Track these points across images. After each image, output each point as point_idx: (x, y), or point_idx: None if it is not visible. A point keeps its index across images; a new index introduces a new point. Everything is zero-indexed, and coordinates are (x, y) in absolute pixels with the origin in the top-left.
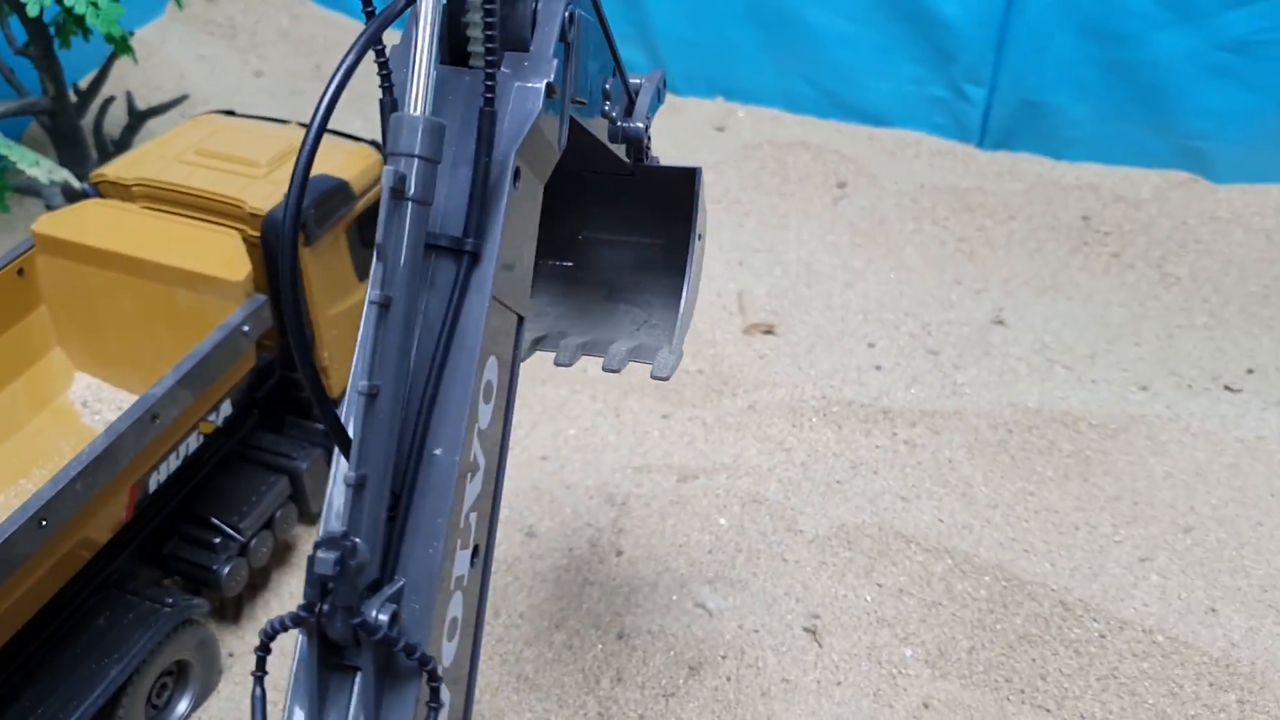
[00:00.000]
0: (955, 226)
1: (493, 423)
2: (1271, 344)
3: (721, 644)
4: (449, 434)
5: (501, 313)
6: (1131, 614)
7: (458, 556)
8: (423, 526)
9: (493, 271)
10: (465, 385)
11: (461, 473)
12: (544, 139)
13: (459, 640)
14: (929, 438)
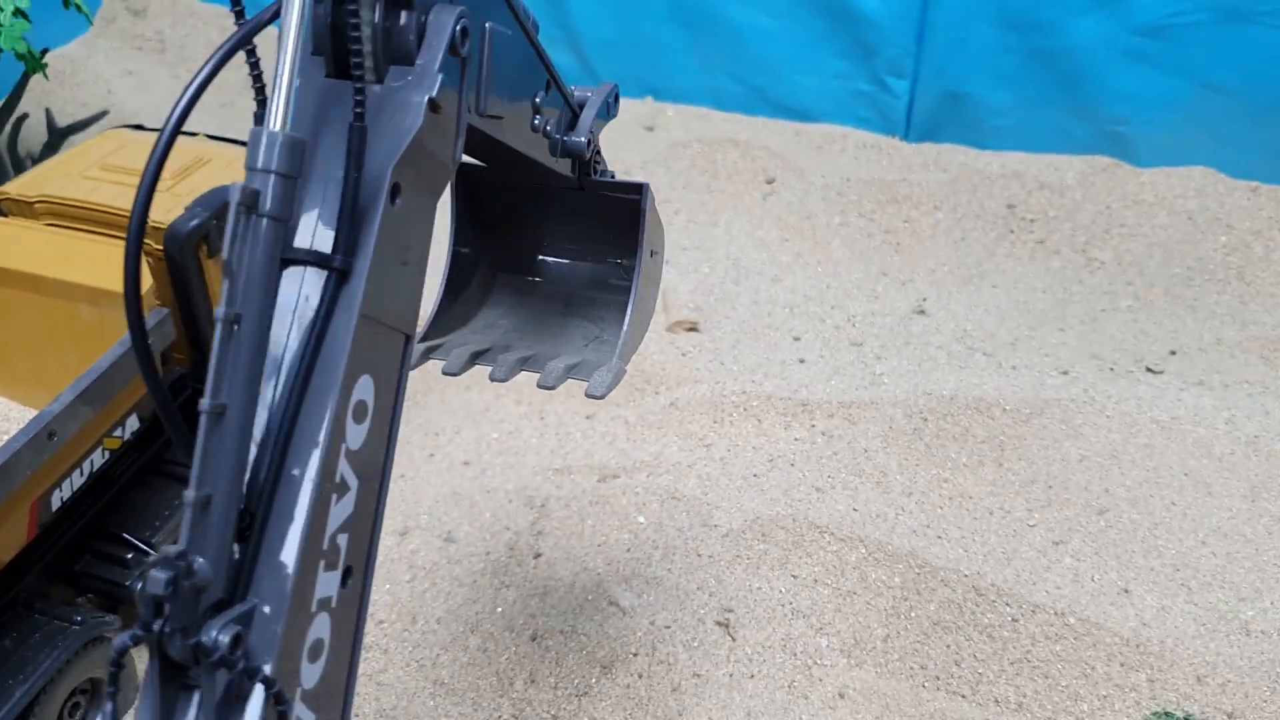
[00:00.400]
0: (882, 219)
1: (368, 443)
2: (1195, 324)
3: (633, 641)
4: (307, 454)
5: (377, 331)
6: (1044, 597)
7: (321, 578)
8: (277, 548)
9: (363, 289)
10: (327, 405)
11: (322, 494)
12: (429, 155)
13: (326, 662)
14: (846, 428)
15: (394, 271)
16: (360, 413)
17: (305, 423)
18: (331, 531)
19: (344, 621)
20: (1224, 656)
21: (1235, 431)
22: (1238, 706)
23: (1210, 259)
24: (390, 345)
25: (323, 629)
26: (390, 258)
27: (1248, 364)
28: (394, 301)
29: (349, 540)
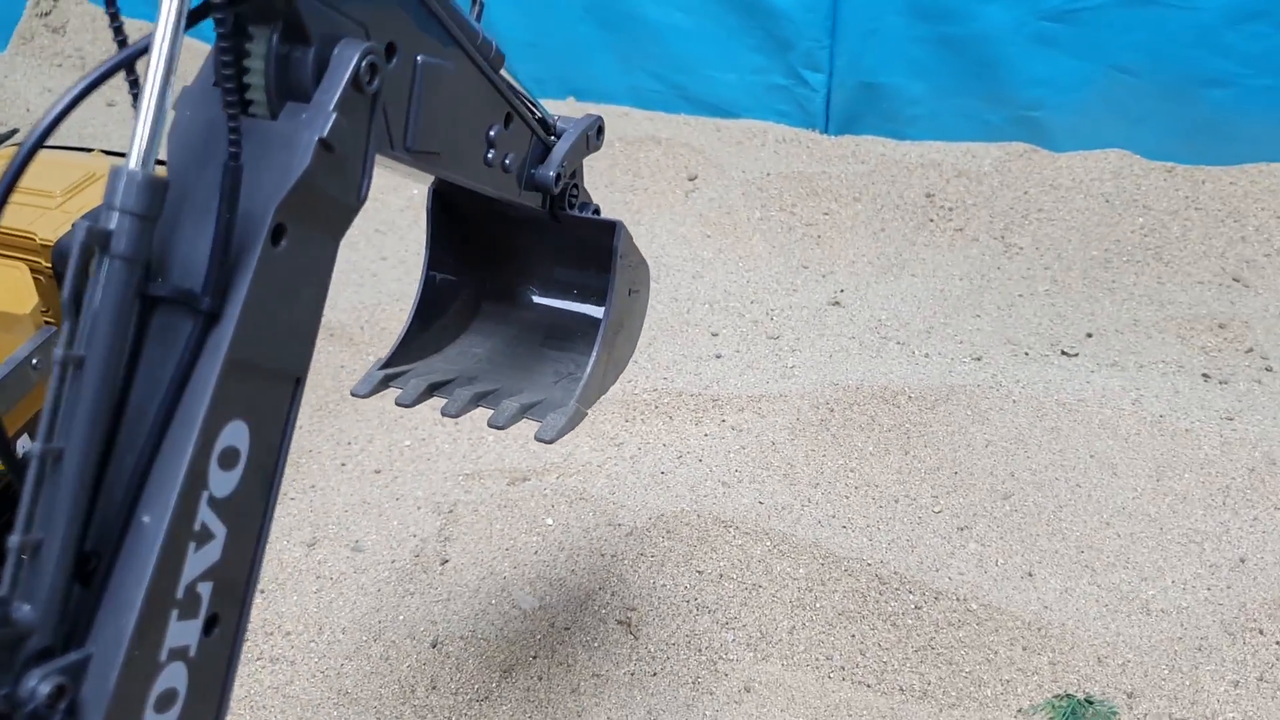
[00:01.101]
0: (802, 212)
1: (241, 490)
2: (1112, 306)
3: (533, 644)
4: (161, 501)
5: (251, 376)
6: (947, 583)
7: (173, 627)
8: (120, 595)
9: (232, 333)
10: (185, 451)
11: (175, 542)
12: (322, 196)
13: (182, 712)
14: (755, 422)
15: (274, 315)
16: (229, 459)
17: (161, 469)
18: (189, 579)
19: (207, 670)
20: (1124, 636)
21: (1141, 411)
22: (1137, 686)
23: (1128, 241)
24: (272, 390)
25: (177, 679)
26: (269, 300)
27: (1164, 344)
28: (274, 346)
29: (213, 588)
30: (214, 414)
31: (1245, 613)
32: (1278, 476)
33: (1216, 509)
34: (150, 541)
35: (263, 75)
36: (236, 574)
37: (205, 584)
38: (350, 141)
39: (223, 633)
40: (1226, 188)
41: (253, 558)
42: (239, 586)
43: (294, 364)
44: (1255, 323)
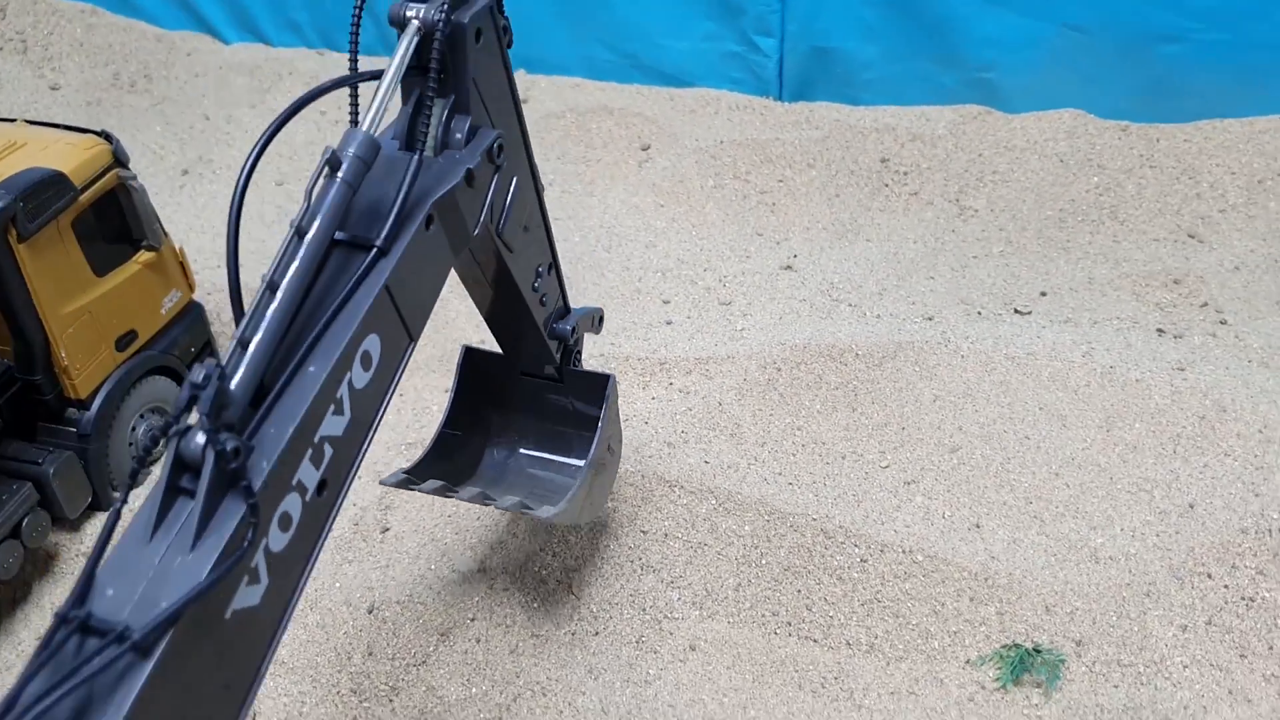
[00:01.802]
0: (756, 179)
1: (368, 389)
2: (1067, 265)
3: (471, 606)
4: (324, 358)
5: (391, 311)
6: (893, 536)
7: (303, 465)
8: (281, 416)
9: (393, 265)
10: (347, 331)
11: (325, 393)
12: (458, 211)
13: (291, 542)
14: (702, 383)
15: (415, 274)
16: (366, 362)
17: (330, 338)
18: (322, 435)
19: (311, 521)
20: (1072, 585)
21: (1092, 363)
22: (1085, 633)
23: (1083, 200)
24: (398, 330)
25: (294, 508)
26: (415, 261)
27: (1120, 300)
28: (409, 296)
29: (332, 455)
30: (368, 318)
31: (1194, 557)
32: (1229, 423)
33: (1167, 457)
34: (312, 383)
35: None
36: (348, 456)
37: (329, 448)
38: (480, 184)
39: (326, 499)
40: (1181, 145)
41: (356, 454)
42: (344, 469)
43: (414, 322)
44: (1210, 277)
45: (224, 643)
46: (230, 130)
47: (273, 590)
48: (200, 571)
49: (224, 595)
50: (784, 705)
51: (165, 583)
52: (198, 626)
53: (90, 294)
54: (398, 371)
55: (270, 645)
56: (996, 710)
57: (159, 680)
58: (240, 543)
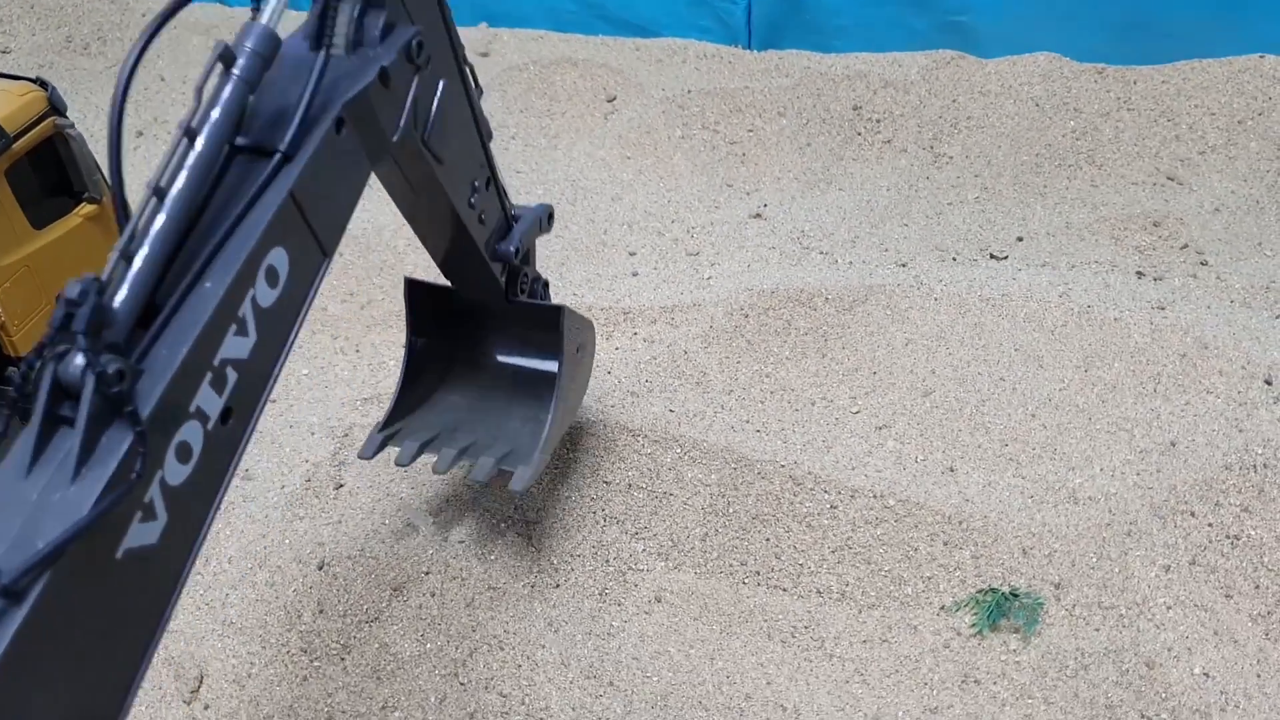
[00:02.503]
0: (726, 130)
1: (276, 308)
2: (1043, 210)
3: (425, 560)
4: (223, 274)
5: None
6: (863, 481)
7: (203, 389)
8: (174, 336)
9: (298, 173)
10: (248, 245)
11: (224, 310)
12: (373, 115)
13: (192, 475)
14: (667, 332)
15: (324, 183)
16: (272, 278)
17: (227, 254)
18: (223, 357)
19: (215, 453)
20: (1050, 527)
21: (1069, 304)
22: (1065, 576)
23: (1059, 144)
24: (309, 244)
25: (194, 438)
26: (325, 168)
27: (1097, 244)
28: (319, 206)
29: (237, 380)
30: (271, 230)
31: (1176, 495)
32: (1211, 360)
33: (1147, 396)
34: (209, 300)
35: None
36: (255, 381)
37: (233, 372)
38: (398, 86)
39: (232, 429)
40: (1158, 86)
41: (268, 377)
42: (254, 395)
43: (327, 235)
44: (1190, 219)
45: (116, 587)
46: (185, 91)
47: (172, 528)
48: (82, 507)
49: (113, 533)
50: (753, 656)
51: (43, 520)
52: (82, 569)
53: (27, 247)
54: (311, 289)
55: (174, 589)
56: (973, 657)
57: (34, 630)
58: (128, 475)
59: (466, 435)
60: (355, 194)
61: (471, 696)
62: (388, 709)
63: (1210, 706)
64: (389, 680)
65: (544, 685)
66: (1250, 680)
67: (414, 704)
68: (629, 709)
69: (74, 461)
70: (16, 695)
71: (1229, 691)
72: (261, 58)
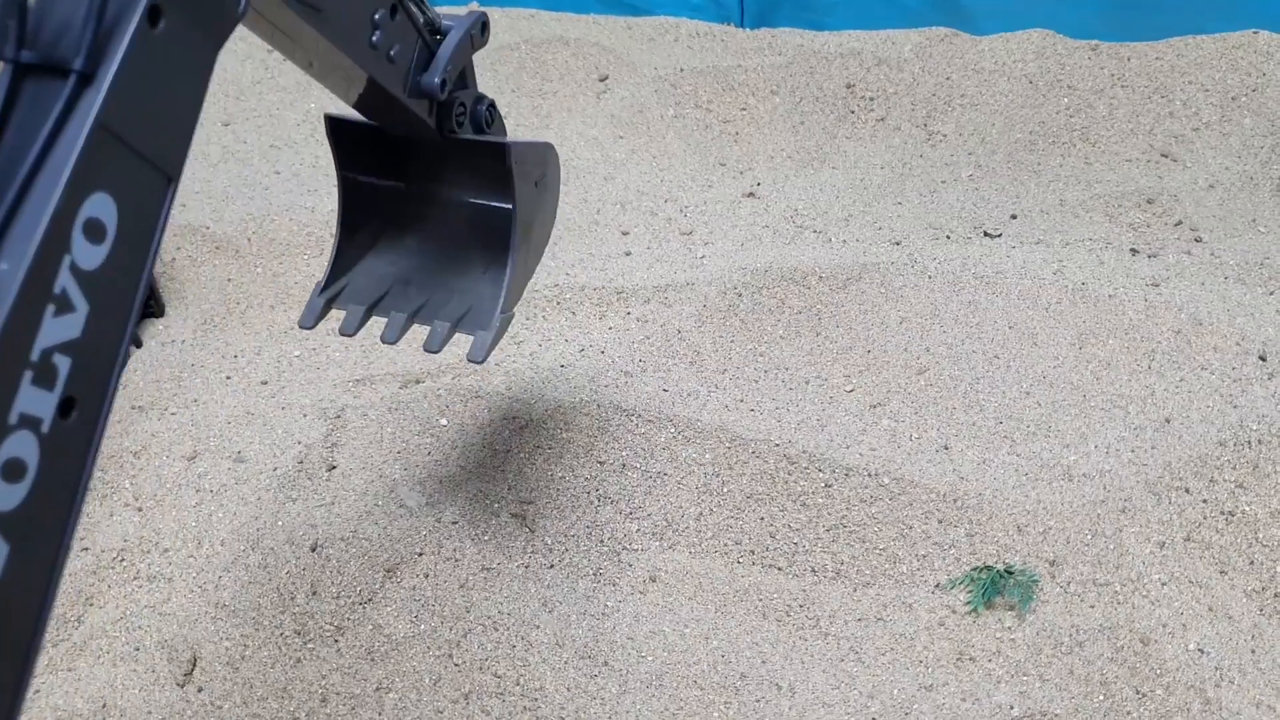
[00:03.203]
0: (718, 108)
1: (108, 269)
2: (1037, 188)
3: (419, 540)
4: (20, 250)
5: (120, 151)
6: (858, 459)
7: (24, 390)
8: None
9: (103, 97)
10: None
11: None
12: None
13: (32, 489)
14: (661, 311)
15: (148, 96)
16: (95, 232)
17: (23, 222)
18: (46, 344)
19: (62, 457)
20: (1045, 504)
21: (1063, 280)
22: (1059, 553)
23: (1053, 122)
24: (142, 176)
25: (26, 450)
26: (143, 78)
27: (1091, 222)
28: (146, 127)
29: (72, 366)
30: (80, 176)
31: (1170, 472)
32: (1205, 337)
33: (1142, 373)
34: (5, 288)
35: None
36: (98, 359)
37: (64, 358)
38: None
39: (80, 420)
40: (1152, 63)
41: (116, 348)
42: (100, 376)
43: (166, 157)
44: (1184, 196)
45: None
46: None
47: (17, 556)
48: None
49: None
50: (748, 635)
51: None
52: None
53: None
54: (156, 228)
55: (38, 621)
56: (968, 634)
57: None
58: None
59: (419, 293)
60: (199, 90)
61: (466, 677)
62: (382, 690)
63: (1205, 682)
64: (383, 661)
65: (539, 666)
66: (1245, 656)
67: (408, 685)
68: (624, 689)
69: None
70: None
71: (1223, 667)
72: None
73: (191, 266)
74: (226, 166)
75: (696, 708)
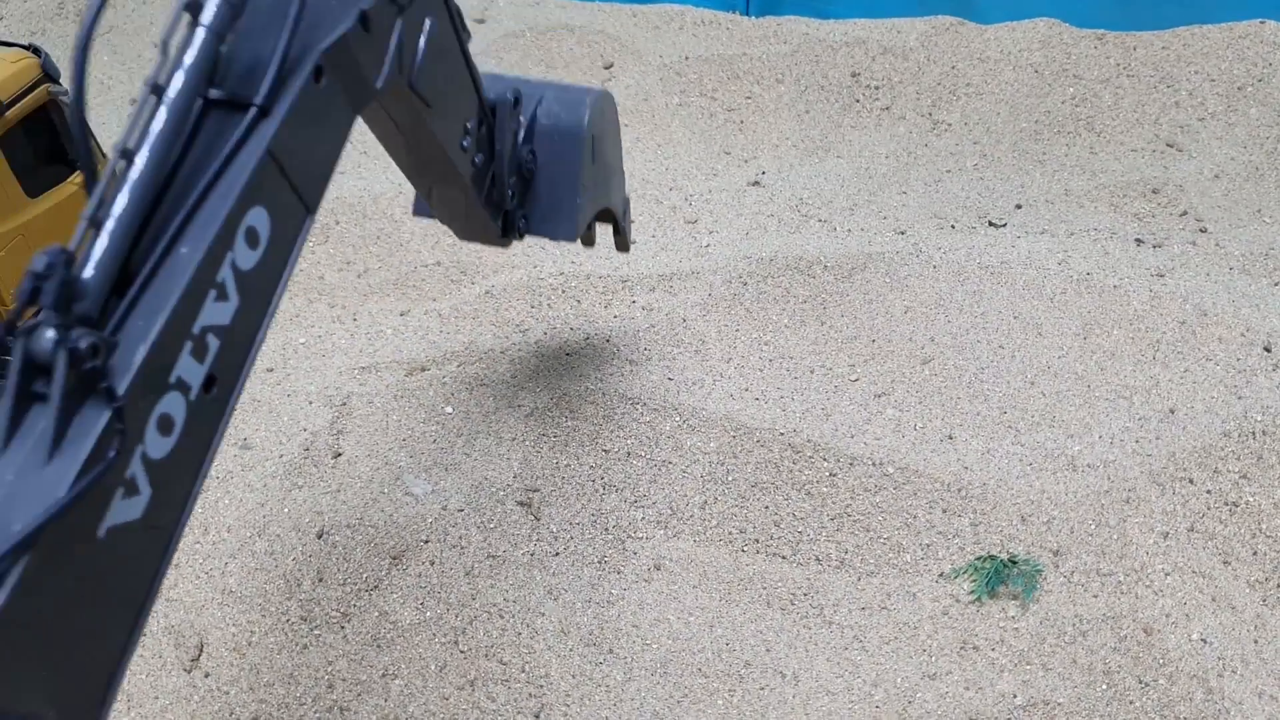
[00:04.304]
0: (723, 96)
1: (258, 270)
2: (1042, 178)
3: (424, 528)
4: (198, 237)
5: (279, 178)
6: (862, 449)
7: (183, 358)
8: (151, 305)
9: (275, 128)
10: (224, 207)
11: (201, 277)
12: (354, 61)
13: (175, 447)
14: (666, 300)
15: (304, 136)
16: (252, 239)
17: (202, 218)
18: (203, 324)
19: (199, 423)
20: (1049, 494)
21: (1068, 271)
22: (1063, 543)
23: (1058, 111)
24: (290, 201)
25: (176, 409)
26: (304, 121)
27: (1096, 212)
28: (300, 162)
29: (219, 347)
30: (249, 189)
31: (1175, 462)
32: (1210, 327)
33: (1146, 363)
34: (185, 265)
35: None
36: (239, 347)
37: (214, 339)
38: (380, 30)
39: (216, 398)
40: (1158, 53)
41: (252, 342)
42: (237, 362)
43: (309, 190)
44: (1189, 186)
45: (100, 566)
46: None
47: (157, 502)
48: (59, 488)
49: (94, 511)
50: (752, 623)
51: (18, 504)
52: (61, 550)
53: (22, 216)
54: (295, 247)
55: (161, 563)
56: (972, 623)
57: (14, 616)
58: (105, 452)
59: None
60: (338, 145)
61: (471, 664)
62: (388, 677)
63: (1208, 672)
64: (389, 648)
65: (544, 653)
66: (1248, 646)
67: (414, 672)
68: (629, 676)
69: (49, 441)
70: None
71: (1226, 657)
72: (230, 5)
73: None
74: None
75: (701, 695)
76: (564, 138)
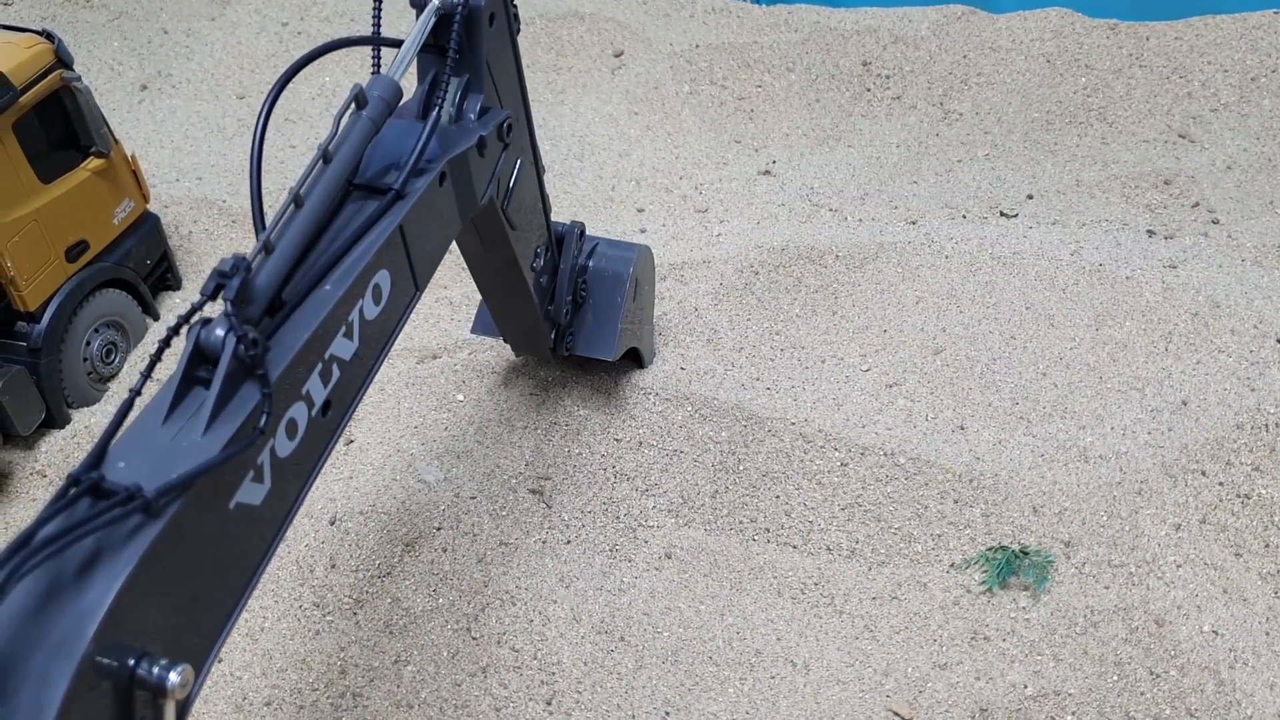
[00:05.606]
0: (734, 85)
1: (376, 323)
2: (1054, 168)
3: (437, 515)
4: (340, 281)
5: (400, 252)
6: (873, 439)
7: (312, 377)
8: (296, 325)
9: (409, 207)
10: (363, 260)
11: (338, 312)
12: (469, 173)
13: (295, 450)
14: (677, 289)
15: (426, 225)
16: (377, 295)
17: (346, 264)
18: (331, 353)
19: (313, 438)
20: (1061, 485)
21: (1080, 262)
22: (1075, 534)
23: (1070, 101)
24: (405, 273)
25: (300, 418)
26: (427, 212)
27: (1108, 202)
28: (418, 243)
29: (339, 377)
30: (381, 253)
31: (1187, 454)
32: (1222, 319)
33: (1159, 354)
34: (327, 300)
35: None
36: (352, 384)
37: (337, 370)
38: (490, 155)
39: (329, 421)
40: (1171, 43)
41: (362, 382)
42: (349, 396)
43: (420, 269)
44: (1202, 177)
45: (225, 532)
46: (189, 44)
47: (273, 494)
48: (213, 451)
49: (231, 481)
50: (762, 612)
51: (177, 459)
52: (204, 504)
53: (35, 201)
54: (403, 316)
55: (267, 550)
56: (983, 614)
57: (165, 544)
58: (252, 430)
59: None
60: (447, 240)
61: (484, 651)
62: (400, 663)
63: (1219, 664)
64: (401, 634)
65: (556, 640)
66: (1259, 638)
67: (426, 658)
68: (640, 664)
69: (207, 415)
70: (139, 601)
71: (1238, 649)
72: (387, 104)
73: (208, 240)
74: (242, 140)
75: (712, 683)
76: (613, 279)
